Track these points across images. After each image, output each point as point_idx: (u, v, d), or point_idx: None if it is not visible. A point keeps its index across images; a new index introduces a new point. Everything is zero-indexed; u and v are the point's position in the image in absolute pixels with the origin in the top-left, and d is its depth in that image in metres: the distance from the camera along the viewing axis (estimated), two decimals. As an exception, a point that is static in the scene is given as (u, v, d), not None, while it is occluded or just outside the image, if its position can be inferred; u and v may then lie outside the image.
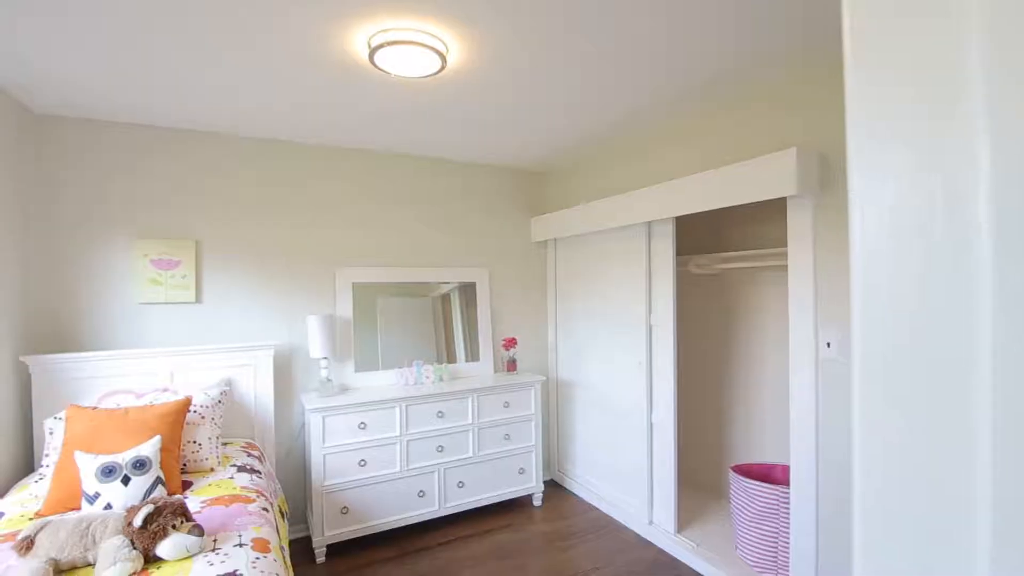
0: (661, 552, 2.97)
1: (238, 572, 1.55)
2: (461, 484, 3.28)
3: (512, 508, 3.55)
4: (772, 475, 2.86)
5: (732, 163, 2.39)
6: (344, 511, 2.93)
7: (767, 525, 2.57)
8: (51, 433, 2.32)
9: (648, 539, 3.10)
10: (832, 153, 2.16)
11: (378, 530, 3.02)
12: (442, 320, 3.72)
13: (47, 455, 2.28)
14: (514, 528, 3.28)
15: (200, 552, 1.65)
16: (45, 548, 1.54)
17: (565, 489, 3.89)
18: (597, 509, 3.54)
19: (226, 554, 1.65)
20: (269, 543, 1.78)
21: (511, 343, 3.68)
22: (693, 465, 3.65)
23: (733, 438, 3.43)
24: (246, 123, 2.88)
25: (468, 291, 3.80)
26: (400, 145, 3.37)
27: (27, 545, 1.54)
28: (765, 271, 3.16)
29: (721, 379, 3.51)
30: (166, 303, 2.92)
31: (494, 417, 3.40)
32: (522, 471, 3.50)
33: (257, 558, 1.65)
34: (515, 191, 4.02)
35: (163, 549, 1.59)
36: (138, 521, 1.59)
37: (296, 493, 3.20)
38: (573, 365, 3.84)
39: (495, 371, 3.81)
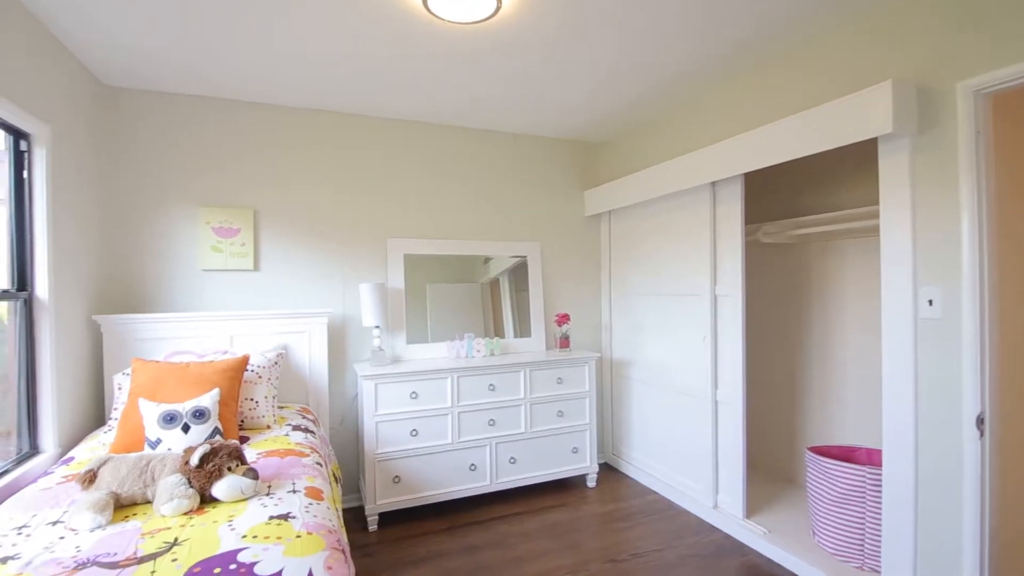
0: (727, 537, 2.76)
1: (291, 514, 1.51)
2: (513, 460, 3.19)
3: (565, 488, 3.42)
4: (854, 458, 2.60)
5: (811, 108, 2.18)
6: (396, 480, 2.90)
7: (851, 510, 2.33)
8: (119, 388, 2.40)
9: (712, 523, 2.90)
10: (933, 86, 1.91)
11: (429, 501, 2.97)
12: (489, 298, 3.64)
13: (116, 409, 2.35)
14: (568, 508, 3.15)
15: (254, 495, 1.63)
16: (107, 482, 1.56)
17: (620, 472, 3.73)
18: (655, 492, 3.35)
19: (280, 498, 1.62)
20: (322, 492, 1.74)
21: (564, 319, 3.55)
22: (761, 447, 3.41)
23: (807, 419, 3.17)
24: (301, 93, 2.90)
25: (518, 272, 3.69)
26: (451, 115, 3.32)
27: (90, 478, 1.56)
28: (844, 238, 2.90)
29: (793, 356, 3.25)
30: (226, 270, 2.98)
31: (547, 393, 3.28)
32: (575, 450, 3.37)
33: (310, 504, 1.61)
34: (567, 163, 3.89)
35: (218, 489, 1.57)
36: (195, 460, 1.58)
37: (349, 463, 3.19)
38: (629, 343, 3.67)
39: (547, 348, 3.69)
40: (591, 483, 3.45)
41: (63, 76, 2.37)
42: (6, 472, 1.98)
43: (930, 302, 1.91)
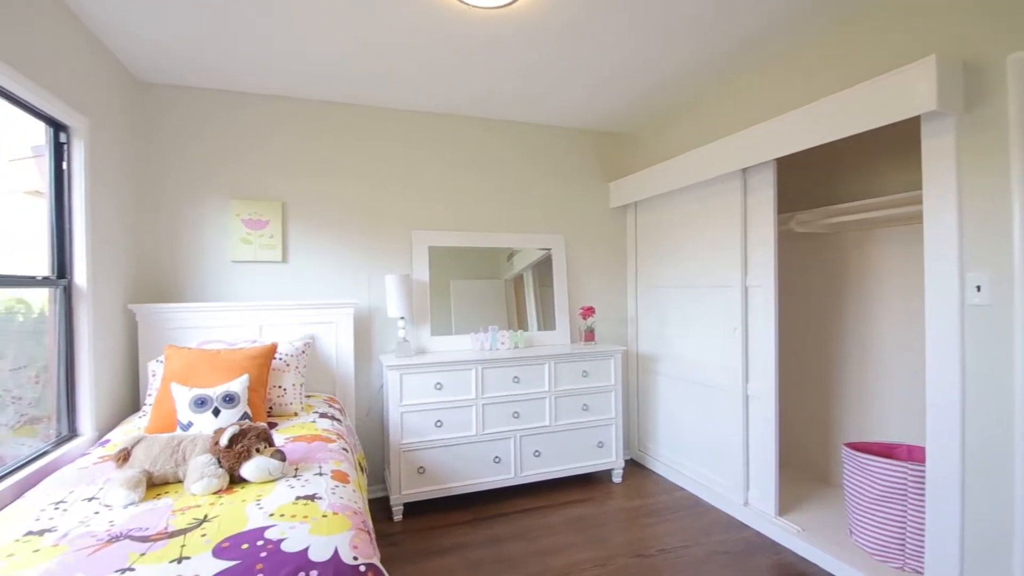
0: (758, 535, 2.68)
1: (317, 495, 1.51)
2: (537, 453, 3.16)
3: (590, 483, 3.38)
4: (894, 455, 2.49)
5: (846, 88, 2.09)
6: (421, 471, 2.90)
7: (891, 508, 2.24)
8: (153, 375, 2.46)
9: (743, 521, 2.82)
10: (980, 60, 1.81)
11: (453, 493, 2.96)
12: (513, 294, 3.61)
13: (150, 395, 2.41)
14: (593, 502, 3.11)
15: (281, 477, 1.64)
16: (140, 460, 1.59)
17: (646, 468, 3.66)
18: (683, 489, 3.28)
19: (306, 480, 1.63)
20: (348, 476, 1.74)
21: (589, 312, 3.51)
22: (793, 444, 3.30)
23: (842, 415, 3.06)
24: (329, 87, 2.93)
25: (542, 268, 3.65)
26: (475, 107, 3.31)
27: (124, 456, 1.60)
28: (884, 226, 2.78)
29: (828, 349, 3.14)
30: (255, 261, 3.02)
31: (572, 386, 3.24)
32: (601, 444, 3.32)
33: (336, 486, 1.61)
34: (591, 155, 3.85)
35: (247, 470, 1.59)
36: (224, 440, 1.60)
37: (375, 454, 3.21)
38: (655, 337, 3.60)
39: (571, 341, 3.65)
40: (617, 478, 3.40)
41: (100, 71, 2.44)
42: (46, 453, 2.05)
43: (978, 288, 1.81)
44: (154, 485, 1.58)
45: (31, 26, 1.91)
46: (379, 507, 3.00)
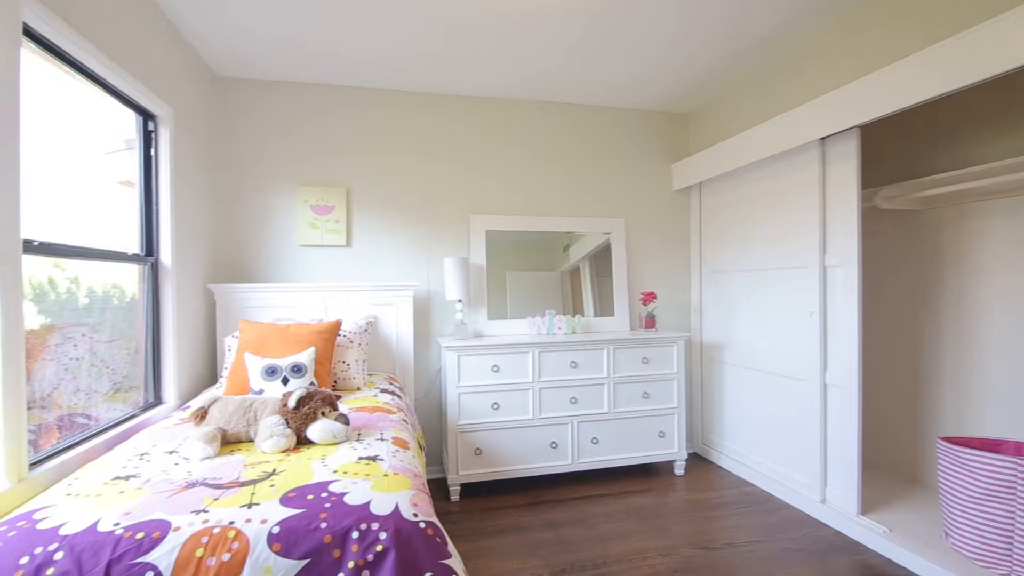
0: (838, 534, 2.49)
1: (379, 457, 1.53)
2: (595, 440, 3.08)
3: (650, 474, 3.27)
4: (999, 451, 2.23)
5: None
6: (477, 452, 2.90)
7: (995, 509, 2.01)
8: (229, 350, 2.60)
9: (820, 519, 2.63)
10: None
11: (510, 476, 2.95)
12: (569, 286, 3.55)
13: (226, 368, 2.55)
14: (654, 493, 3.00)
15: (345, 440, 1.68)
16: (215, 418, 1.67)
17: (711, 463, 3.50)
18: (752, 484, 3.11)
19: (368, 444, 1.66)
20: (408, 443, 1.76)
21: (650, 297, 3.39)
22: (877, 438, 3.04)
23: (935, 408, 2.78)
24: (390, 74, 2.99)
25: (600, 259, 3.56)
26: (533, 89, 3.29)
27: (201, 415, 1.69)
28: (982, 198, 2.51)
29: (918, 334, 2.87)
30: (321, 245, 3.14)
31: (631, 373, 3.14)
32: (662, 435, 3.20)
33: (397, 451, 1.63)
34: (653, 136, 3.72)
35: (313, 431, 1.64)
36: (292, 402, 1.65)
37: (433, 436, 3.25)
38: (722, 325, 3.43)
39: (631, 328, 3.55)
40: (679, 471, 3.27)
41: (183, 65, 2.61)
42: (134, 416, 2.21)
43: (1109, 255, 1.58)
44: (227, 443, 1.66)
45: (125, 21, 2.06)
46: (437, 488, 3.03)
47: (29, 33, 1.58)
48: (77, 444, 1.82)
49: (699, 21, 2.47)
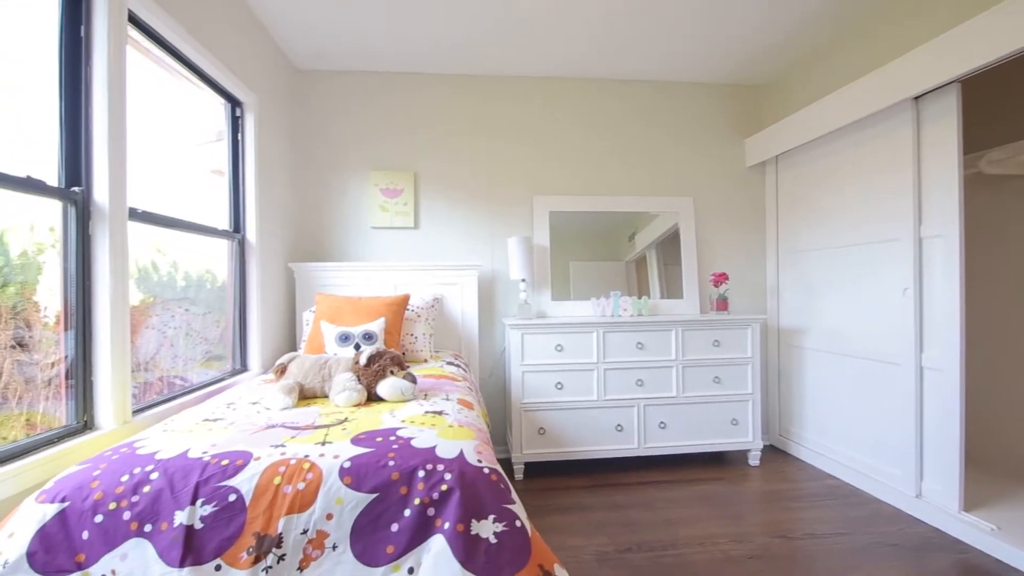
0: (935, 530, 2.26)
1: (445, 412, 1.56)
2: (663, 425, 2.98)
3: (722, 463, 3.12)
4: None
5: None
6: (541, 432, 2.89)
7: None
8: (307, 323, 2.75)
9: (914, 515, 2.40)
10: None
11: (573, 457, 2.91)
12: (635, 272, 3.45)
13: (303, 341, 2.69)
14: (726, 482, 2.86)
15: (413, 398, 1.72)
16: (294, 374, 1.77)
17: (789, 455, 3.29)
18: (835, 477, 2.89)
19: (435, 402, 1.69)
20: (473, 406, 1.78)
21: (721, 278, 3.24)
22: (983, 426, 2.73)
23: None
24: (458, 57, 3.05)
25: (667, 246, 3.43)
26: (597, 67, 3.24)
27: (281, 370, 1.79)
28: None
29: (1035, 319, 2.56)
30: (391, 227, 3.25)
31: (701, 356, 3.01)
32: (735, 422, 3.04)
33: (462, 409, 1.65)
34: (722, 111, 3.55)
35: (382, 388, 1.69)
36: (363, 359, 1.72)
37: (497, 416, 3.28)
38: (802, 307, 3.22)
39: (701, 312, 3.40)
40: (753, 461, 3.09)
41: (266, 57, 2.79)
42: (222, 380, 2.38)
43: None
44: (304, 397, 1.75)
45: (215, 13, 2.23)
46: (500, 466, 3.04)
47: (133, 20, 1.75)
48: (173, 399, 1.99)
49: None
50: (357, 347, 2.17)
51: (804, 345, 3.19)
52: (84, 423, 1.55)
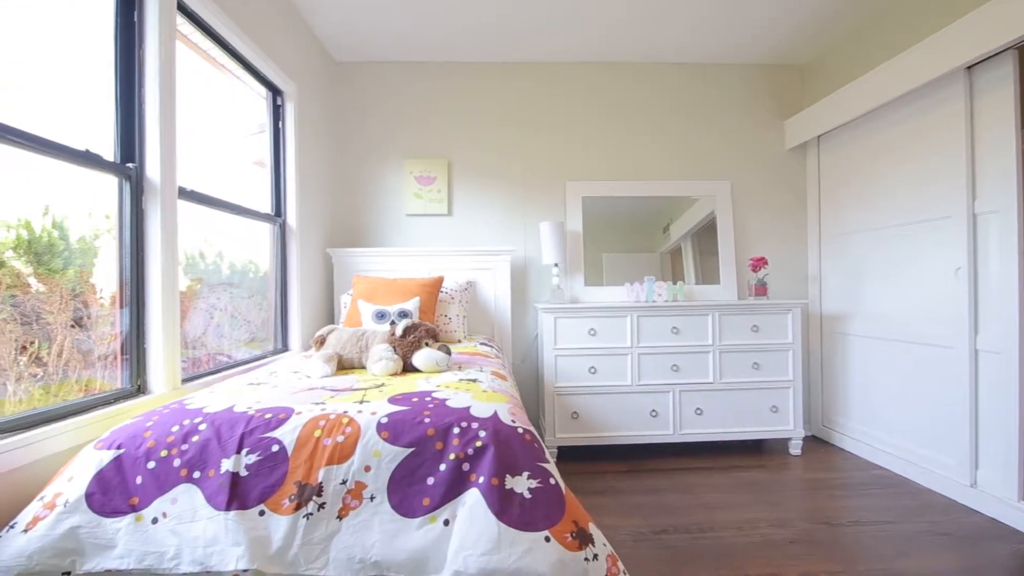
0: (992, 521, 2.14)
1: (479, 380, 1.58)
2: (699, 411, 2.92)
3: (762, 452, 3.03)
4: None
5: None
6: (574, 416, 2.88)
7: None
8: (345, 306, 2.82)
9: (968, 504, 2.28)
10: None
11: (607, 442, 2.89)
12: (669, 263, 3.38)
13: (342, 321, 2.76)
14: (766, 470, 2.78)
15: (447, 369, 1.74)
16: (332, 345, 1.82)
17: (832, 445, 3.17)
18: (881, 467, 2.77)
19: (468, 372, 1.71)
20: (507, 377, 1.79)
21: (760, 263, 3.15)
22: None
23: None
24: (489, 45, 3.08)
25: (703, 236, 3.36)
26: (631, 50, 3.21)
27: (320, 341, 1.85)
28: None
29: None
30: (425, 214, 3.30)
31: (739, 341, 2.94)
32: (775, 409, 2.96)
33: (495, 379, 1.66)
34: (760, 92, 3.46)
35: (417, 359, 1.72)
36: (399, 331, 1.76)
37: (530, 401, 3.28)
38: (845, 292, 3.10)
39: (739, 297, 3.32)
40: (795, 450, 3.00)
41: (306, 48, 2.88)
42: (265, 357, 2.47)
43: None
44: (342, 367, 1.80)
45: (260, 5, 2.32)
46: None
47: (182, 8, 1.83)
48: (219, 371, 2.07)
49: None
50: (392, 324, 2.21)
51: (848, 331, 3.07)
52: (138, 387, 1.63)
